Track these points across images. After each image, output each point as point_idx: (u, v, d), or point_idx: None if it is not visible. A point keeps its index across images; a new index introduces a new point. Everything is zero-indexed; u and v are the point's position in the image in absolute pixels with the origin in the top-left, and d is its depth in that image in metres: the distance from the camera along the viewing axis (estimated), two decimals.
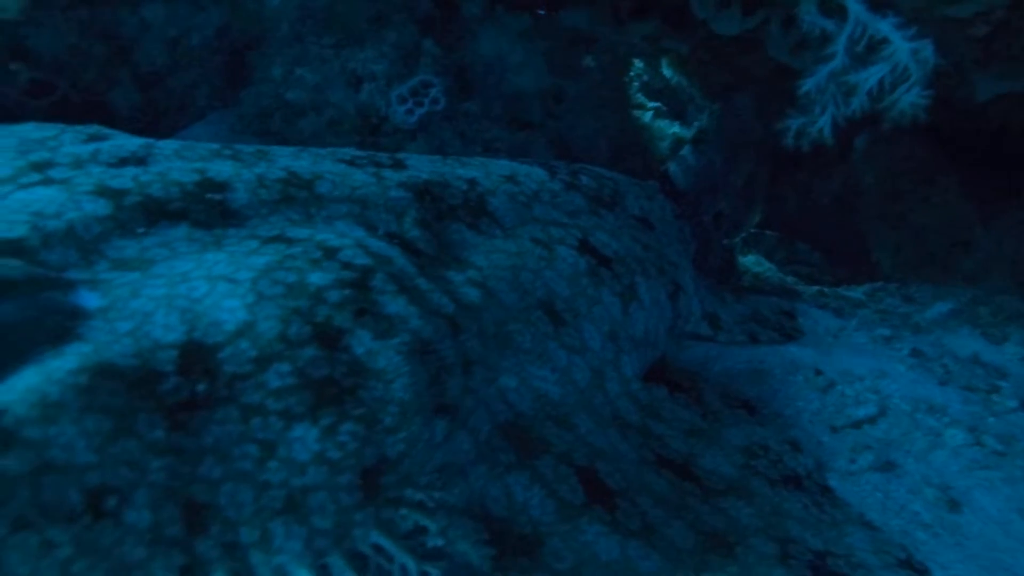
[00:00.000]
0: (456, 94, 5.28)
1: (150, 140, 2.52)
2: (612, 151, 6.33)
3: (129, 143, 2.41)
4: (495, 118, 5.74)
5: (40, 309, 1.74)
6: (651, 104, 7.26)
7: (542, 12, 6.26)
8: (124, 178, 2.12)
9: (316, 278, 1.96)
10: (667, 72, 7.20)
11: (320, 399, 1.77)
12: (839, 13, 3.20)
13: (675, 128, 7.20)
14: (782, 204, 6.32)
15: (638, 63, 6.90)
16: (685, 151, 5.01)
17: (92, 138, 2.60)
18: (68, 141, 2.53)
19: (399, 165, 3.09)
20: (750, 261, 5.93)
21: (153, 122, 4.93)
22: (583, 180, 3.79)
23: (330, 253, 2.10)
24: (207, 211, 2.14)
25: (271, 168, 2.49)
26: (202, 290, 1.85)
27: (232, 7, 5.04)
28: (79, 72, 4.47)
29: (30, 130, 2.55)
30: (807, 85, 3.28)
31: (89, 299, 1.81)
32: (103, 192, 2.04)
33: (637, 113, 6.98)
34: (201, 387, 1.71)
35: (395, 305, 2.04)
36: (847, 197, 6.06)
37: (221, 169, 2.36)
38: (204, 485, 1.63)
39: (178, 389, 1.68)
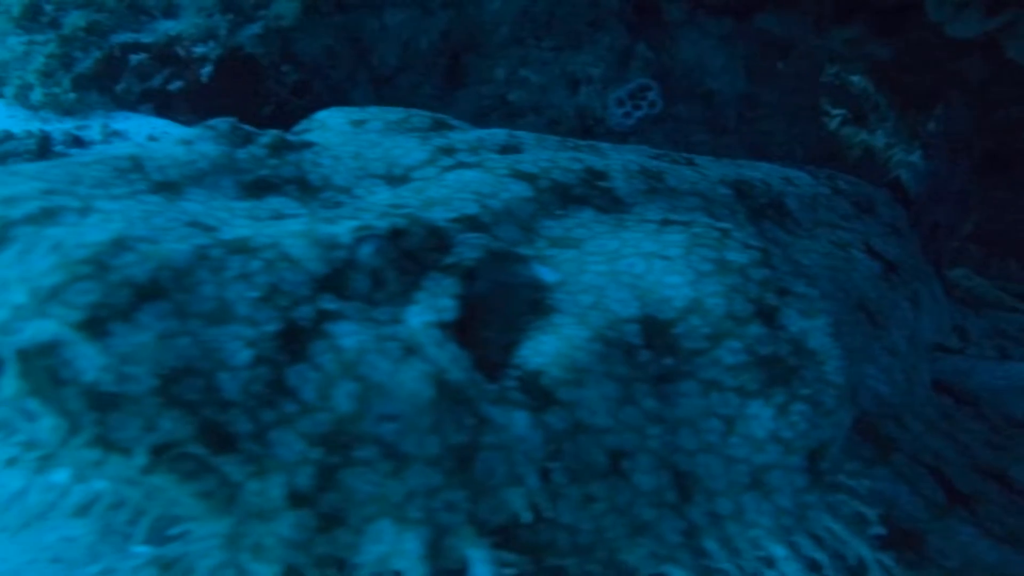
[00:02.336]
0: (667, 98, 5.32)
1: (502, 130, 2.65)
2: (806, 158, 6.22)
3: (497, 133, 2.53)
4: (697, 122, 5.76)
5: (510, 283, 1.85)
6: (836, 111, 7.10)
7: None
8: (525, 163, 2.24)
9: (734, 256, 2.01)
10: (855, 78, 7.03)
11: (771, 377, 1.81)
12: None
13: (862, 136, 7.01)
14: (990, 213, 6.05)
15: (830, 69, 6.76)
16: (915, 157, 4.87)
17: (437, 124, 2.76)
18: (418, 124, 2.69)
19: (693, 164, 3.14)
20: (959, 275, 5.70)
21: None
22: (841, 185, 3.76)
23: (726, 234, 2.16)
24: (602, 197, 2.23)
25: (617, 160, 2.58)
26: (640, 267, 1.93)
27: (457, 12, 5.24)
28: (330, 73, 4.74)
29: (388, 112, 2.73)
30: None
31: (545, 273, 1.91)
32: (518, 175, 2.15)
33: (823, 120, 6.84)
34: (668, 361, 1.77)
35: (800, 286, 2.07)
36: None
37: (587, 159, 2.45)
38: (684, 455, 1.69)
39: (652, 362, 1.75)
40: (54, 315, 1.32)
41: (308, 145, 2.21)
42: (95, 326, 1.31)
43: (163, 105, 4.14)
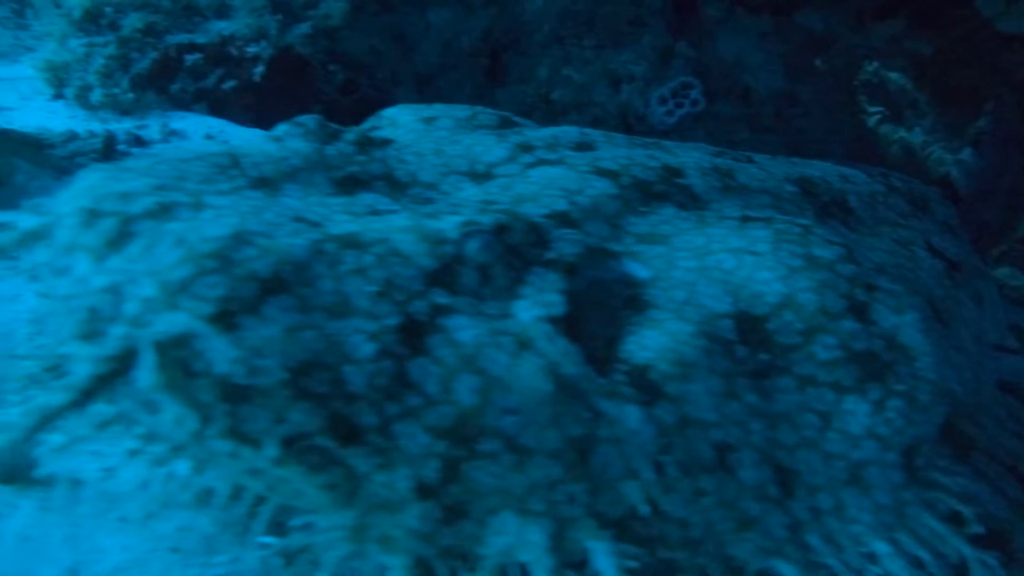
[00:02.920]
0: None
1: (573, 128, 2.66)
2: (845, 155, 6.18)
3: (569, 130, 2.55)
4: (738, 120, 5.73)
5: (604, 278, 1.86)
6: (873, 109, 7.05)
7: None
8: (605, 161, 2.24)
9: (820, 252, 2.00)
10: (893, 75, 6.97)
11: (865, 373, 1.81)
12: None
13: (900, 133, 6.95)
14: None
15: (868, 66, 6.71)
16: (965, 155, 4.82)
17: (503, 120, 2.77)
18: (484, 120, 2.71)
19: (752, 161, 3.13)
20: (1004, 274, 5.65)
21: None
22: (895, 182, 3.74)
23: (808, 230, 2.15)
24: (681, 193, 2.23)
25: (688, 158, 2.58)
26: (730, 263, 1.93)
27: (499, 10, 5.25)
28: (374, 71, 4.77)
29: (455, 109, 2.75)
30: None
31: (637, 269, 1.91)
32: (600, 172, 2.16)
33: (861, 117, 6.78)
34: (763, 356, 1.78)
35: (885, 281, 2.06)
36: None
37: (661, 156, 2.46)
38: (784, 450, 1.69)
39: (748, 357, 1.75)
40: (185, 308, 1.34)
41: (388, 142, 2.23)
42: (225, 319, 1.33)
43: (216, 104, 4.18)
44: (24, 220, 1.73)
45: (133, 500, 1.65)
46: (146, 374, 1.31)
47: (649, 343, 1.63)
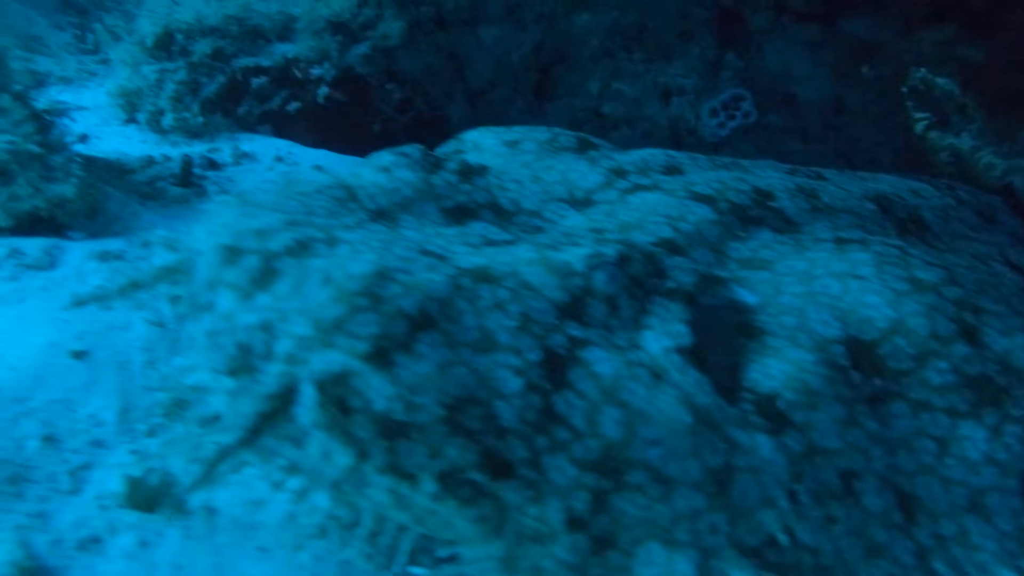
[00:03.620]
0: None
1: (658, 150, 2.69)
2: (894, 164, 6.14)
3: (655, 153, 2.58)
4: (787, 130, 5.73)
5: (716, 305, 1.88)
6: (919, 115, 6.99)
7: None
8: (699, 185, 2.27)
9: (923, 274, 2.01)
10: (940, 81, 6.92)
11: (980, 398, 1.82)
12: None
13: (949, 139, 6.89)
14: None
15: (916, 72, 6.66)
16: None
17: (582, 142, 2.81)
18: (565, 143, 2.75)
19: (823, 178, 3.14)
20: None
21: None
22: (962, 195, 3.72)
23: (904, 251, 2.16)
24: (775, 217, 2.26)
25: (772, 179, 2.60)
26: (836, 287, 1.94)
27: (548, 25, 5.29)
28: (429, 89, 4.83)
29: (535, 132, 2.79)
30: None
31: (745, 295, 1.94)
32: (697, 197, 2.18)
33: (909, 124, 6.74)
34: (877, 382, 1.79)
35: (988, 303, 2.06)
36: None
37: (748, 178, 2.48)
38: (904, 476, 1.71)
39: (863, 383, 1.77)
40: (340, 346, 1.38)
41: (485, 169, 2.27)
42: (381, 357, 1.37)
43: (280, 125, 4.25)
44: (158, 256, 1.79)
45: (269, 530, 1.70)
46: (307, 411, 1.36)
47: (773, 371, 1.65)
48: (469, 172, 2.15)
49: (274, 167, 3.81)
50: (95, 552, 1.57)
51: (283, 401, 1.37)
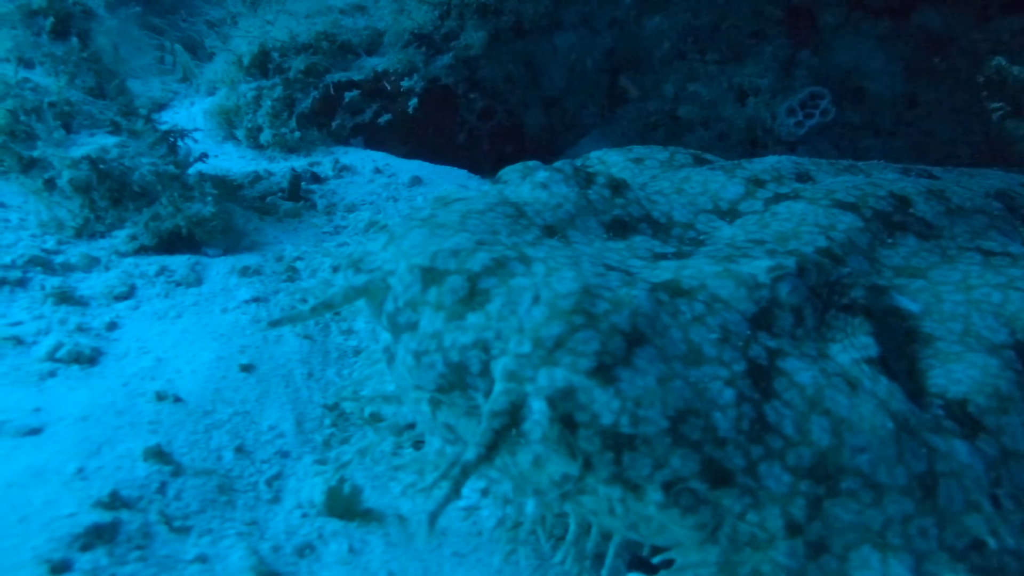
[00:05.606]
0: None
1: (785, 156, 2.72)
2: (974, 156, 6.08)
3: (783, 160, 2.61)
4: (862, 127, 5.70)
5: (884, 313, 1.92)
6: (994, 105, 6.90)
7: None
8: (840, 192, 2.30)
9: None
10: (1016, 69, 6.83)
11: None
12: None
13: None
14: None
15: (992, 61, 6.58)
16: None
17: (697, 159, 2.86)
18: (682, 160, 2.81)
19: (933, 176, 3.14)
20: None
21: (552, 140, 5.32)
22: None
23: None
24: (917, 223, 2.28)
25: (905, 183, 2.61)
26: (997, 296, 1.97)
27: (620, 30, 5.33)
28: (507, 97, 4.90)
29: (655, 151, 2.86)
30: None
31: (907, 303, 1.98)
32: (841, 205, 2.22)
33: (986, 116, 6.65)
34: None
35: None
36: None
37: (881, 183, 2.50)
38: None
39: None
40: (563, 363, 1.45)
41: (625, 183, 2.33)
42: (604, 372, 1.44)
43: (372, 137, 4.36)
44: (345, 277, 1.87)
45: (458, 536, 1.78)
46: (537, 427, 1.43)
47: (959, 376, 1.69)
48: (618, 186, 2.21)
49: (374, 179, 3.91)
50: (312, 559, 1.66)
51: (513, 417, 1.45)
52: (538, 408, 1.43)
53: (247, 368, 2.25)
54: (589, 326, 1.49)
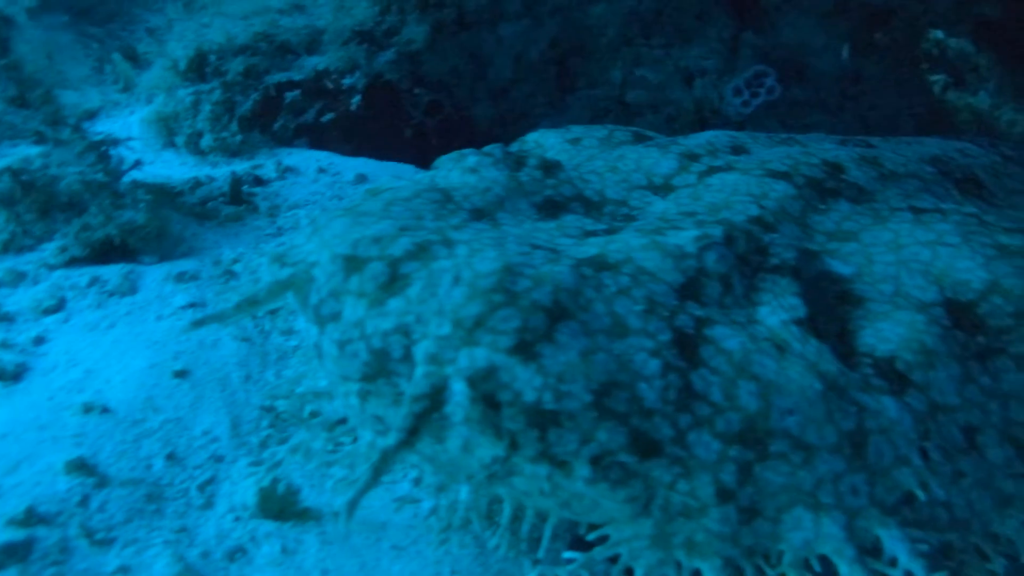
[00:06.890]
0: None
1: (720, 131, 2.72)
2: (918, 128, 6.16)
3: (719, 135, 2.61)
4: (808, 103, 5.76)
5: (812, 277, 1.92)
6: (935, 77, 7.01)
7: None
8: (774, 162, 2.30)
9: (1006, 239, 2.05)
10: (952, 41, 6.95)
11: None
12: None
13: (967, 99, 6.91)
14: None
15: (932, 34, 6.68)
16: None
17: (637, 135, 2.85)
18: (622, 137, 2.79)
19: (872, 146, 3.17)
20: None
21: (502, 132, 5.29)
22: (1005, 151, 3.74)
23: (979, 218, 2.19)
24: (850, 188, 2.29)
25: (839, 151, 2.63)
26: (926, 254, 1.98)
27: (564, 18, 5.32)
28: (454, 91, 4.87)
29: (593, 130, 2.84)
30: None
31: (838, 266, 1.98)
32: (773, 174, 2.22)
33: (927, 87, 6.75)
34: (980, 339, 1.83)
35: None
36: None
37: (814, 151, 2.51)
38: (1019, 427, 1.75)
39: (969, 341, 1.80)
40: (484, 343, 1.42)
41: (560, 164, 2.31)
42: (525, 349, 1.41)
43: (316, 137, 4.29)
44: (269, 271, 1.83)
45: (397, 528, 1.74)
46: (459, 408, 1.40)
47: (888, 335, 1.69)
48: (549, 167, 2.18)
49: (318, 178, 3.85)
50: (244, 562, 1.62)
51: (434, 400, 1.42)
52: (459, 389, 1.40)
53: (181, 374, 2.19)
54: (510, 304, 1.46)
